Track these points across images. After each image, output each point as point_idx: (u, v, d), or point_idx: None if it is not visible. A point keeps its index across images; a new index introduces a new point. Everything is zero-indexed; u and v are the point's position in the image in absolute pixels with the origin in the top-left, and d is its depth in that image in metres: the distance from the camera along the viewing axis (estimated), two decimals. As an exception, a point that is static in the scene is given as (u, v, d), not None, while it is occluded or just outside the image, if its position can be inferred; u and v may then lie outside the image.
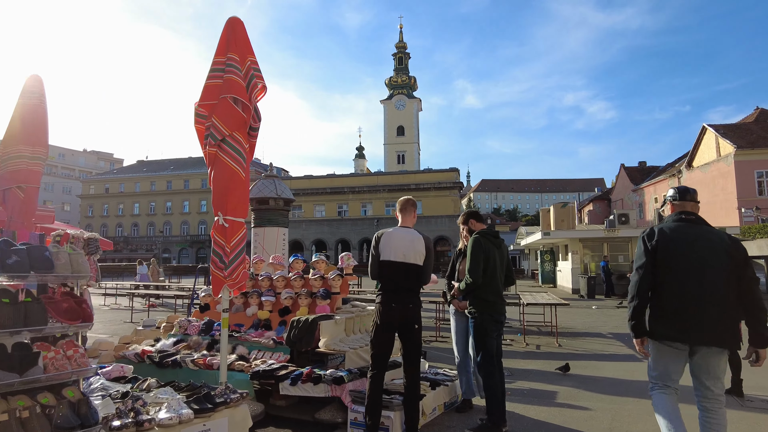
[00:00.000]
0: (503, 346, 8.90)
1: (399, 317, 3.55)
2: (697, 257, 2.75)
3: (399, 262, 3.61)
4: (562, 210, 21.26)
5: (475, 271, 3.87)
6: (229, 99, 4.32)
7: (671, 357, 2.82)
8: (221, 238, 4.15)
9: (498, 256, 4.03)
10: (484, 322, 3.89)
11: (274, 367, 4.15)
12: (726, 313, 2.71)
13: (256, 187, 12.28)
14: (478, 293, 3.91)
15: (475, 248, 3.92)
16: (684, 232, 2.83)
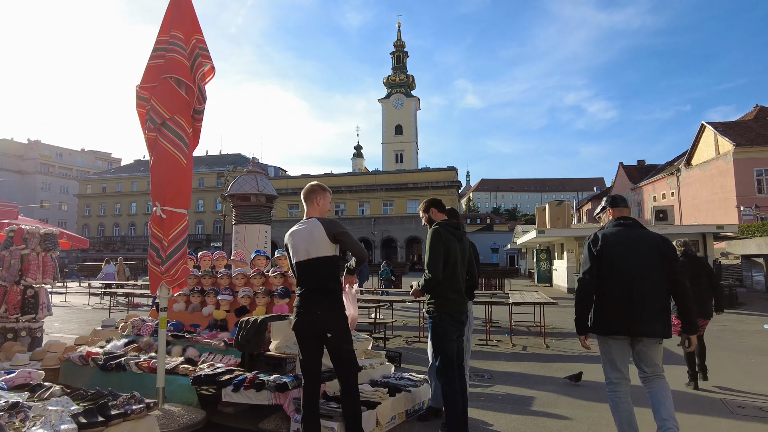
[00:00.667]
0: (488, 348, 8.77)
1: (308, 324, 3.14)
2: (637, 258, 3.08)
3: (304, 261, 3.22)
4: (558, 208, 20.88)
5: (435, 265, 3.46)
6: (171, 80, 3.97)
7: (617, 349, 3.18)
8: (159, 231, 3.79)
9: (459, 250, 3.65)
10: (442, 322, 3.50)
11: (218, 371, 3.80)
12: (662, 307, 3.04)
13: (237, 183, 11.93)
14: (437, 290, 3.54)
15: (435, 240, 3.54)
16: (624, 235, 3.16)
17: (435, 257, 3.49)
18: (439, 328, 3.51)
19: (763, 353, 7.59)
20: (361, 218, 58.22)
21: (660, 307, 3.02)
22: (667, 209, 19.65)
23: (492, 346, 8.29)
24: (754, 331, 10.00)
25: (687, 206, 34.56)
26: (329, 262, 3.20)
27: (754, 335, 9.42)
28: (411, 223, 56.80)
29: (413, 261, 55.78)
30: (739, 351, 7.74)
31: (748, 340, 8.82)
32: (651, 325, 3.00)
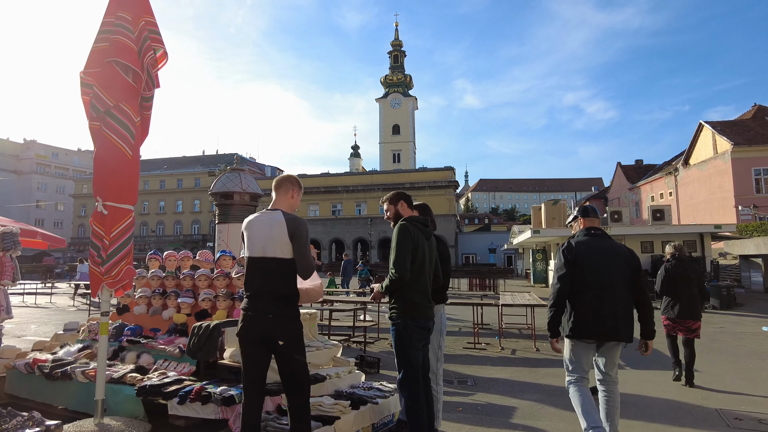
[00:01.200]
0: (476, 351, 8.43)
1: (258, 330, 2.78)
2: (608, 268, 3.28)
3: (257, 258, 2.86)
4: (554, 208, 20.58)
5: (402, 264, 3.10)
6: (116, 65, 3.64)
7: (584, 352, 3.35)
8: (100, 228, 3.47)
9: (427, 248, 3.32)
10: (407, 329, 3.14)
11: (166, 381, 3.48)
12: (628, 313, 3.26)
13: (220, 181, 11.59)
14: (401, 293, 3.20)
15: (402, 236, 3.17)
16: (595, 245, 3.35)
17: (402, 255, 3.13)
18: (402, 335, 3.17)
19: (761, 357, 7.28)
20: (358, 218, 57.87)
21: (627, 314, 3.27)
22: (665, 208, 19.35)
23: (480, 350, 7.97)
24: (753, 333, 9.69)
25: (685, 206, 34.28)
26: (286, 266, 2.86)
27: (753, 338, 9.12)
28: (408, 223, 56.53)
29: (410, 261, 55.51)
30: (737, 355, 7.42)
31: (746, 343, 8.51)
32: (619, 330, 3.22)
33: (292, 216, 2.95)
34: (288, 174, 3.17)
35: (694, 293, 5.54)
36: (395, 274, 3.13)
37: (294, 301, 2.92)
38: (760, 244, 20.24)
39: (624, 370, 6.43)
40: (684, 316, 5.57)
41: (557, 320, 3.33)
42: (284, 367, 2.82)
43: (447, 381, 5.86)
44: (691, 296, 5.54)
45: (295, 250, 2.87)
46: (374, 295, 3.42)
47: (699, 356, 7.25)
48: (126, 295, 5.25)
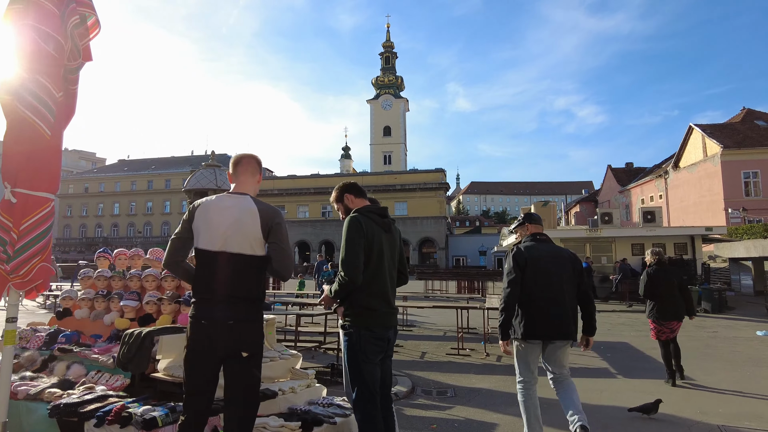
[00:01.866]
0: (460, 358, 7.96)
1: (216, 341, 2.31)
2: (555, 271, 3.40)
3: (216, 253, 2.36)
4: (543, 209, 20.25)
5: (353, 264, 2.59)
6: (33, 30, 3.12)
7: (532, 352, 3.44)
8: (8, 219, 2.95)
9: (387, 243, 2.82)
10: (361, 340, 2.62)
11: (86, 398, 2.97)
12: (574, 314, 3.39)
13: (194, 178, 11.06)
14: (355, 297, 2.67)
15: (353, 231, 2.66)
16: (542, 249, 3.49)
17: (353, 253, 2.62)
18: (355, 348, 2.64)
19: (758, 364, 6.91)
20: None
21: (573, 314, 3.40)
22: (655, 211, 19.10)
23: (464, 356, 7.52)
24: (747, 338, 9.35)
25: (675, 209, 34.22)
26: (255, 265, 2.39)
27: (747, 343, 8.77)
28: (398, 225, 54.98)
29: (401, 263, 55.00)
30: (733, 362, 7.05)
31: (742, 349, 8.16)
32: (566, 330, 3.35)
33: (266, 205, 2.47)
34: (253, 153, 2.66)
35: (676, 296, 5.73)
36: (344, 277, 2.60)
37: (258, 306, 2.46)
38: (750, 247, 20.07)
39: (616, 380, 6.03)
40: (668, 318, 5.72)
41: (508, 323, 3.41)
42: (236, 383, 2.34)
43: (426, 392, 5.42)
44: (673, 299, 5.72)
45: (273, 248, 2.42)
46: (323, 299, 2.87)
47: (695, 363, 6.90)
48: (68, 298, 4.74)
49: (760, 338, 9.33)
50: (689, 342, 8.85)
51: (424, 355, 7.68)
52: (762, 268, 20.12)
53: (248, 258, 2.37)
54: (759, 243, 19.36)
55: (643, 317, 13.06)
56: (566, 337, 3.37)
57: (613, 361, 7.18)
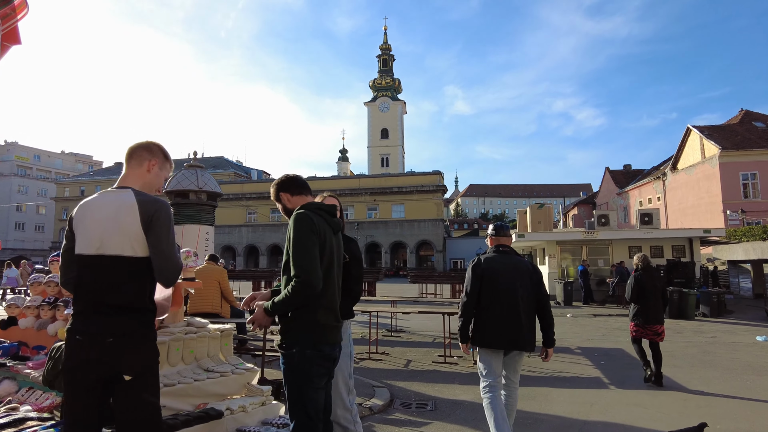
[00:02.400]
0: (446, 366, 7.46)
1: (91, 361, 1.95)
2: (511, 281, 3.43)
3: (91, 256, 2.02)
4: (539, 211, 19.91)
5: (311, 266, 2.20)
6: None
7: (494, 358, 3.48)
8: None
9: (335, 247, 2.46)
10: (305, 361, 2.23)
11: (1, 421, 2.62)
12: (531, 324, 3.42)
13: (175, 179, 10.71)
14: (301, 310, 2.26)
15: (305, 228, 2.28)
16: (501, 261, 3.53)
17: (309, 253, 2.23)
18: (298, 370, 2.24)
19: (758, 372, 6.57)
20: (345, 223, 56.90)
21: (530, 325, 3.43)
22: (653, 212, 18.77)
23: (450, 365, 7.17)
24: (747, 344, 9.01)
25: (673, 211, 33.93)
26: (136, 269, 2.04)
27: (747, 349, 8.43)
28: (396, 227, 55.63)
29: (398, 267, 54.62)
30: (732, 370, 6.70)
31: (742, 356, 7.82)
32: (522, 340, 3.39)
33: (148, 196, 2.10)
34: (149, 140, 2.29)
35: (659, 300, 5.94)
36: (302, 281, 2.19)
37: (147, 318, 2.08)
38: (749, 250, 19.77)
39: (608, 391, 5.68)
40: (652, 321, 5.88)
41: (465, 330, 3.56)
42: (122, 412, 1.98)
43: (405, 404, 5.07)
44: (657, 303, 5.92)
45: (152, 245, 2.03)
46: (256, 317, 2.34)
47: (693, 371, 6.57)
48: (13, 305, 4.38)
49: (761, 344, 8.99)
50: (687, 348, 8.52)
51: (409, 363, 7.34)
52: (761, 271, 19.80)
53: (128, 260, 2.02)
54: (758, 245, 19.05)
55: (640, 321, 12.76)
56: (521, 348, 3.42)
57: (606, 369, 6.84)
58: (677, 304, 13.21)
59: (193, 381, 3.09)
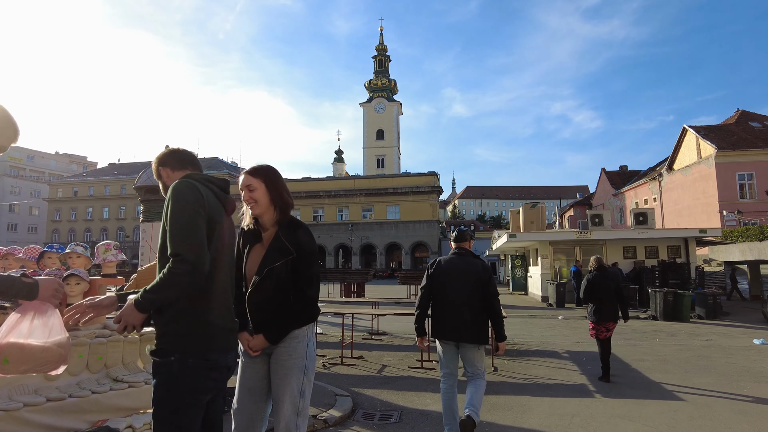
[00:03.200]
0: (422, 372, 6.78)
1: None
2: (459, 281, 3.72)
3: None
4: (532, 211, 19.47)
5: (193, 242, 1.72)
6: None
7: (447, 350, 3.76)
8: None
9: (228, 230, 2.00)
10: (185, 371, 1.74)
11: None
12: (475, 320, 3.66)
13: (145, 174, 10.22)
14: (183, 304, 1.77)
15: (189, 197, 1.79)
16: (454, 261, 3.84)
17: (193, 229, 1.74)
18: (177, 383, 1.75)
19: (756, 378, 6.12)
20: (339, 224, 56.51)
21: (473, 320, 3.61)
22: (648, 212, 18.34)
23: (427, 370, 6.70)
24: (743, 347, 8.57)
25: (669, 212, 33.57)
26: None
27: (744, 353, 7.99)
28: (391, 229, 55.21)
29: (392, 268, 54.14)
30: (729, 376, 6.25)
31: (738, 360, 7.37)
32: (467, 334, 3.58)
33: None
34: None
35: (613, 299, 6.12)
36: (182, 262, 1.69)
37: None
38: (746, 251, 19.37)
39: (593, 400, 5.22)
40: (605, 319, 6.10)
41: (418, 323, 3.84)
42: None
43: (368, 415, 4.60)
44: (611, 302, 6.11)
45: None
46: (122, 316, 1.75)
47: (687, 377, 6.11)
48: None
49: (758, 347, 8.56)
50: (681, 352, 8.07)
51: (384, 368, 6.86)
52: (758, 272, 19.42)
53: None
54: (755, 246, 18.66)
55: (632, 324, 12.28)
56: (464, 340, 3.61)
57: (593, 375, 6.38)
58: (672, 306, 12.79)
59: (90, 393, 2.62)
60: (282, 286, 2.21)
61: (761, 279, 19.25)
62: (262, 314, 2.23)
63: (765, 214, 26.50)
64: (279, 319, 2.21)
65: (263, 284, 2.21)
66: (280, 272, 2.20)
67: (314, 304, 2.31)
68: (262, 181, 2.28)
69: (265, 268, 2.21)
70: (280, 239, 2.25)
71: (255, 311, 2.24)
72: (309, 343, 2.30)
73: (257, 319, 2.24)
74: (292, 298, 2.22)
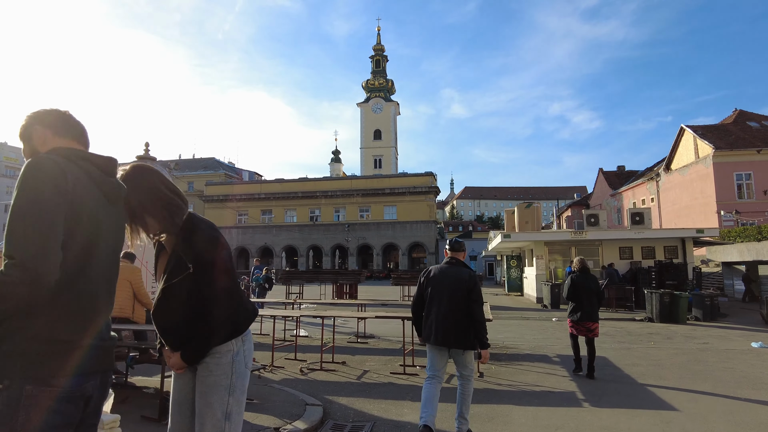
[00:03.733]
0: (403, 378, 6.43)
1: None
2: (447, 289, 3.94)
3: None
4: (526, 211, 19.18)
5: (37, 243, 1.34)
6: None
7: (436, 354, 3.97)
8: None
9: (110, 224, 1.61)
10: (21, 404, 1.34)
11: None
12: (460, 326, 3.84)
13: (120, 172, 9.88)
14: (25, 318, 1.38)
15: (44, 183, 1.40)
16: (444, 271, 4.07)
17: (42, 224, 1.37)
18: (8, 419, 1.33)
19: (755, 385, 5.82)
20: (336, 224, 56.15)
21: (458, 326, 3.82)
22: (644, 212, 18.05)
23: (409, 376, 6.39)
24: (741, 351, 8.27)
25: (667, 212, 33.30)
26: None
27: (742, 357, 7.69)
28: (388, 229, 54.86)
29: (389, 269, 53.78)
30: (726, 383, 5.95)
31: (736, 365, 7.07)
32: (450, 340, 3.83)
33: None
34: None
35: (593, 300, 6.40)
36: (20, 270, 1.32)
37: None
38: (744, 251, 19.11)
39: (581, 410, 4.91)
40: (585, 319, 6.36)
41: (417, 326, 4.08)
42: None
43: (338, 427, 4.28)
44: (591, 302, 6.38)
45: None
46: None
47: (680, 384, 5.81)
48: None
49: (756, 351, 8.26)
50: (676, 356, 7.77)
51: (365, 374, 6.55)
52: (756, 273, 19.14)
53: None
54: (753, 246, 18.40)
55: (628, 326, 11.98)
56: (451, 345, 3.83)
57: (583, 381, 6.08)
58: (668, 307, 12.49)
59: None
60: (187, 303, 1.88)
61: (759, 280, 18.97)
62: (167, 335, 1.95)
63: (763, 215, 26.26)
64: (192, 339, 1.90)
65: (163, 303, 1.91)
66: (178, 290, 1.88)
67: (226, 323, 1.93)
68: None
69: (162, 287, 1.92)
70: (175, 250, 1.92)
71: (161, 331, 1.96)
72: (236, 358, 1.97)
73: (166, 338, 1.96)
74: (201, 319, 1.89)
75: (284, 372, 6.68)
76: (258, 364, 6.22)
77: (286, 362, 7.33)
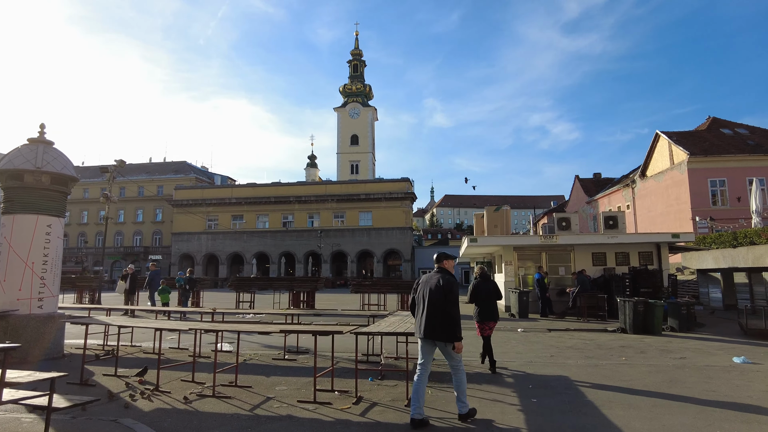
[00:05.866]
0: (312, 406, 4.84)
1: None
2: (431, 291, 4.71)
3: None
4: (495, 214, 18.06)
5: None
6: None
7: (423, 346, 4.63)
8: None
9: None
10: None
11: None
12: (440, 322, 4.54)
13: (7, 157, 8.35)
14: None
15: None
16: (429, 277, 4.88)
17: None
18: None
19: (744, 417, 4.65)
20: (310, 230, 54.49)
21: (441, 323, 4.54)
22: (617, 216, 17.13)
23: (320, 404, 5.03)
24: (723, 368, 7.17)
25: (642, 219, 32.80)
26: None
27: (724, 376, 6.57)
28: (363, 236, 53.42)
29: (365, 276, 52.26)
30: (709, 414, 4.76)
31: (717, 386, 5.94)
32: (436, 333, 4.51)
33: None
34: None
35: (493, 302, 7.26)
36: None
37: None
38: (719, 258, 18.33)
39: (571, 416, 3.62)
40: (486, 318, 7.19)
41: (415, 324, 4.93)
42: None
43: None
44: (490, 304, 7.23)
45: None
46: None
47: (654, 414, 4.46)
48: None
49: (740, 368, 7.17)
50: (650, 375, 6.60)
51: (265, 403, 5.18)
52: (731, 281, 18.38)
53: None
54: (728, 253, 17.61)
55: (598, 338, 10.85)
56: (434, 338, 4.53)
57: (535, 411, 4.84)
58: (642, 317, 11.43)
59: None
60: None
61: (735, 288, 18.22)
62: None
63: (736, 221, 25.79)
64: None
65: None
66: None
67: None
68: None
69: None
70: None
71: None
72: None
73: None
74: None
75: (166, 398, 5.27)
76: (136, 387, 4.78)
77: (180, 385, 5.93)
